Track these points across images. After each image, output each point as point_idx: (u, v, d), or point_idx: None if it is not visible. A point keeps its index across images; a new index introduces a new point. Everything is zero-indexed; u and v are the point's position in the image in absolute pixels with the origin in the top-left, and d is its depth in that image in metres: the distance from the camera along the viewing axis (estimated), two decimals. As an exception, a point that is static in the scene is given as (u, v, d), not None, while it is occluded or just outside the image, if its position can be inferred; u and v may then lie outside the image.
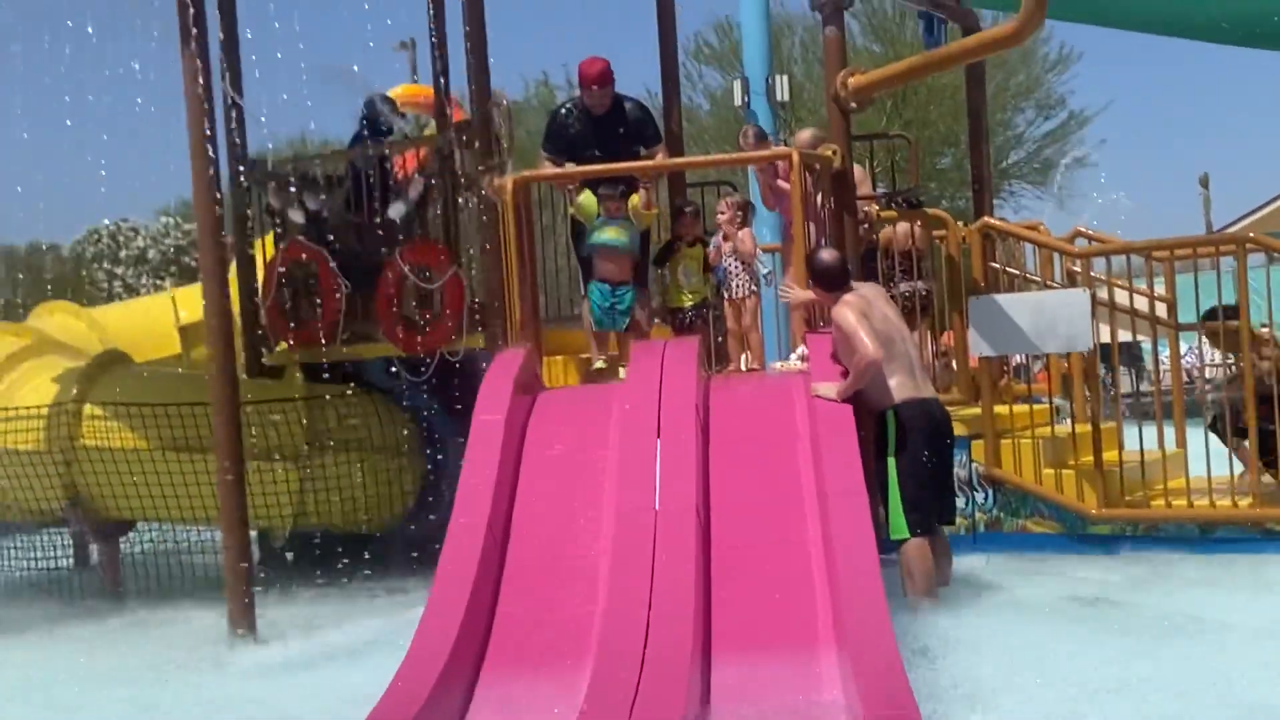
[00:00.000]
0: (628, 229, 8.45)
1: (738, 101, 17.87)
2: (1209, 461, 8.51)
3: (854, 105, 8.49)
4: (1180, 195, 59.35)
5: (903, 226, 9.75)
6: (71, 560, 10.35)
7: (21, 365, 10.08)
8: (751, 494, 6.78)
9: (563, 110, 9.12)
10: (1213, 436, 8.96)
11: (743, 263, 8.53)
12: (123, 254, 38.87)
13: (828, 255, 7.63)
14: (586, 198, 8.47)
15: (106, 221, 39.84)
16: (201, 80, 7.86)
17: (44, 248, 42.58)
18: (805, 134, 9.14)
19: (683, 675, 5.26)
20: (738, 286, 8.54)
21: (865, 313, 7.32)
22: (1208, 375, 13.14)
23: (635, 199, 8.44)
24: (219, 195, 8.32)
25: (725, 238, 8.56)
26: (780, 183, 9.04)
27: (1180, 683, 5.68)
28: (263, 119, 10.22)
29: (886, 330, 7.38)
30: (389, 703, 5.23)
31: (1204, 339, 10.07)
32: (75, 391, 9.37)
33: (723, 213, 8.60)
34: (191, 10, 7.86)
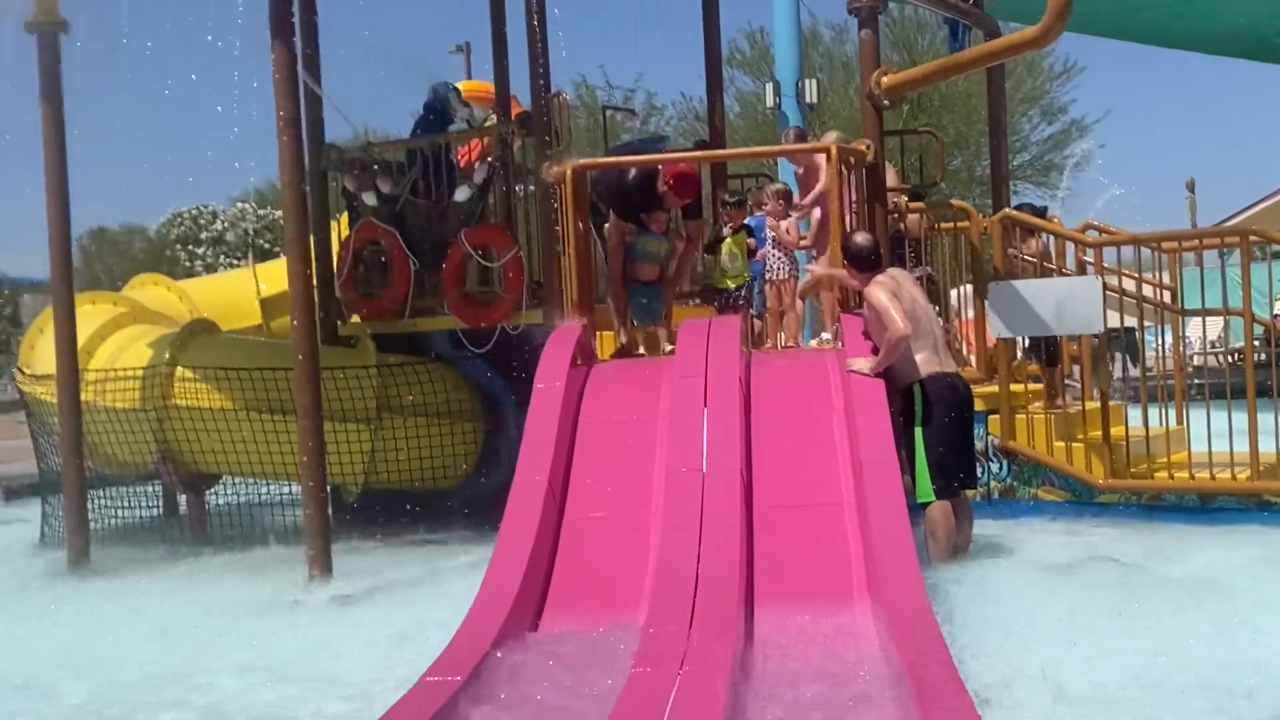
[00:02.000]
0: (663, 243, 8.28)
1: (770, 103, 17.78)
2: (1209, 437, 8.37)
3: (886, 103, 8.39)
4: (1168, 198, 58.92)
5: (913, 216, 9.66)
6: (162, 510, 10.33)
7: (119, 331, 10.08)
8: (790, 459, 6.70)
9: (634, 183, 8.76)
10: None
11: (784, 248, 8.45)
12: (203, 235, 39.03)
13: (862, 239, 7.54)
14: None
15: (188, 207, 40.05)
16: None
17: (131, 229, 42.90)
18: (831, 135, 9.03)
19: (730, 625, 5.19)
20: (779, 269, 8.45)
21: (895, 293, 7.25)
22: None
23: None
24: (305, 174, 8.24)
25: (770, 224, 8.47)
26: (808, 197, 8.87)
27: (1180, 635, 5.61)
28: (337, 108, 10.16)
29: (914, 309, 7.31)
30: (457, 646, 5.16)
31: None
32: (168, 355, 9.35)
33: (765, 203, 8.50)
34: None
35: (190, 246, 38.81)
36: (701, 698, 4.30)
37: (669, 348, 7.93)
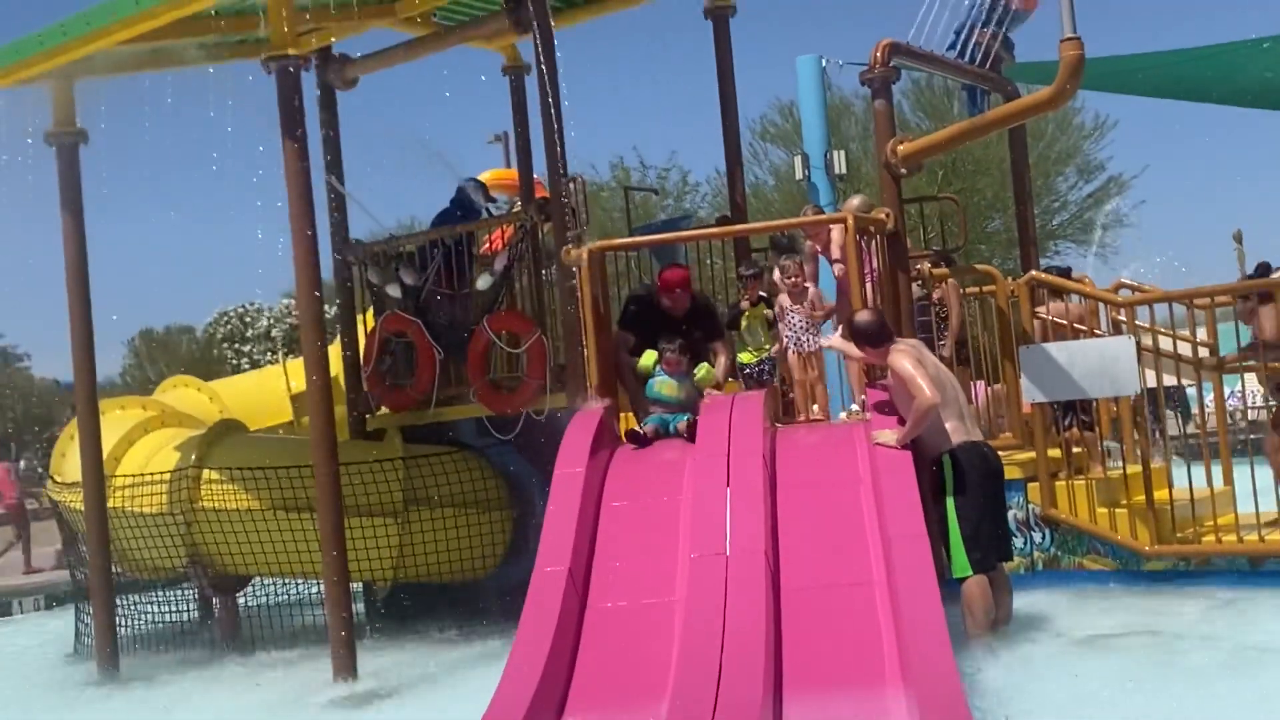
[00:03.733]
0: (683, 386, 7.74)
1: (799, 176, 17.67)
2: (1256, 498, 8.10)
3: (904, 171, 8.32)
4: (1215, 251, 58.23)
5: (947, 282, 9.53)
6: (196, 613, 10.26)
7: (147, 435, 10.08)
8: (818, 538, 6.52)
9: (638, 300, 8.71)
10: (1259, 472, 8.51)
11: (811, 319, 8.31)
12: (249, 333, 39.43)
13: (865, 315, 7.40)
14: (646, 357, 7.89)
15: (234, 305, 40.53)
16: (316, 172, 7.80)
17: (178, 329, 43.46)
18: (855, 200, 8.92)
19: (755, 716, 4.99)
20: (806, 341, 8.31)
21: (920, 360, 7.09)
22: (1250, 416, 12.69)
23: (704, 370, 7.84)
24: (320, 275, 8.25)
25: (793, 297, 8.34)
26: (836, 266, 8.74)
27: (1232, 710, 5.34)
28: (362, 205, 10.18)
29: (939, 376, 7.16)
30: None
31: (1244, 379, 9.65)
32: (194, 457, 9.32)
33: (793, 276, 8.36)
34: (294, 105, 7.81)
35: (236, 345, 39.20)
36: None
37: None
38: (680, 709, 5.20)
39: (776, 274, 8.62)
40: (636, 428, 7.57)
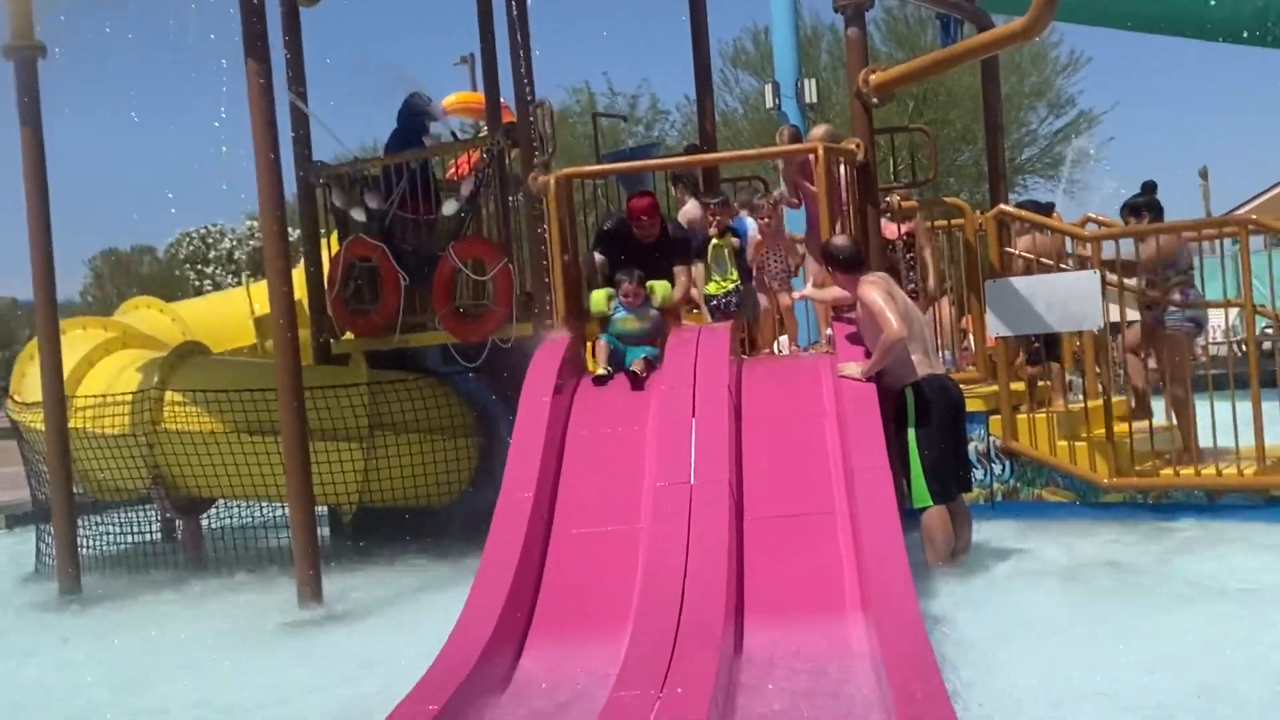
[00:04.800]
0: (646, 316, 7.71)
1: (769, 104, 17.70)
2: (1214, 432, 8.21)
3: (875, 101, 8.28)
4: (1182, 187, 58.53)
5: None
6: (159, 535, 10.25)
7: (109, 356, 10.01)
8: (781, 469, 6.60)
9: (610, 225, 8.63)
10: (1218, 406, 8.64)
11: (779, 251, 8.33)
12: (211, 255, 39.09)
13: (842, 241, 7.40)
14: (596, 300, 7.84)
15: (196, 226, 40.11)
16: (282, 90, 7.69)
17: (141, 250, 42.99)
18: (819, 129, 8.90)
19: (715, 641, 5.07)
20: (777, 277, 8.34)
21: (890, 293, 7.12)
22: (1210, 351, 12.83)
23: (661, 288, 7.81)
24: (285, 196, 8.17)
25: (764, 233, 8.34)
26: (809, 185, 8.77)
27: (1185, 642, 5.48)
28: (324, 125, 10.06)
29: (907, 311, 7.19)
30: (442, 665, 5.08)
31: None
32: (157, 379, 9.27)
33: (765, 217, 8.35)
34: (256, 22, 7.68)
35: (199, 266, 38.88)
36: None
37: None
38: (643, 634, 5.26)
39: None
40: (600, 370, 7.44)
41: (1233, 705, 4.70)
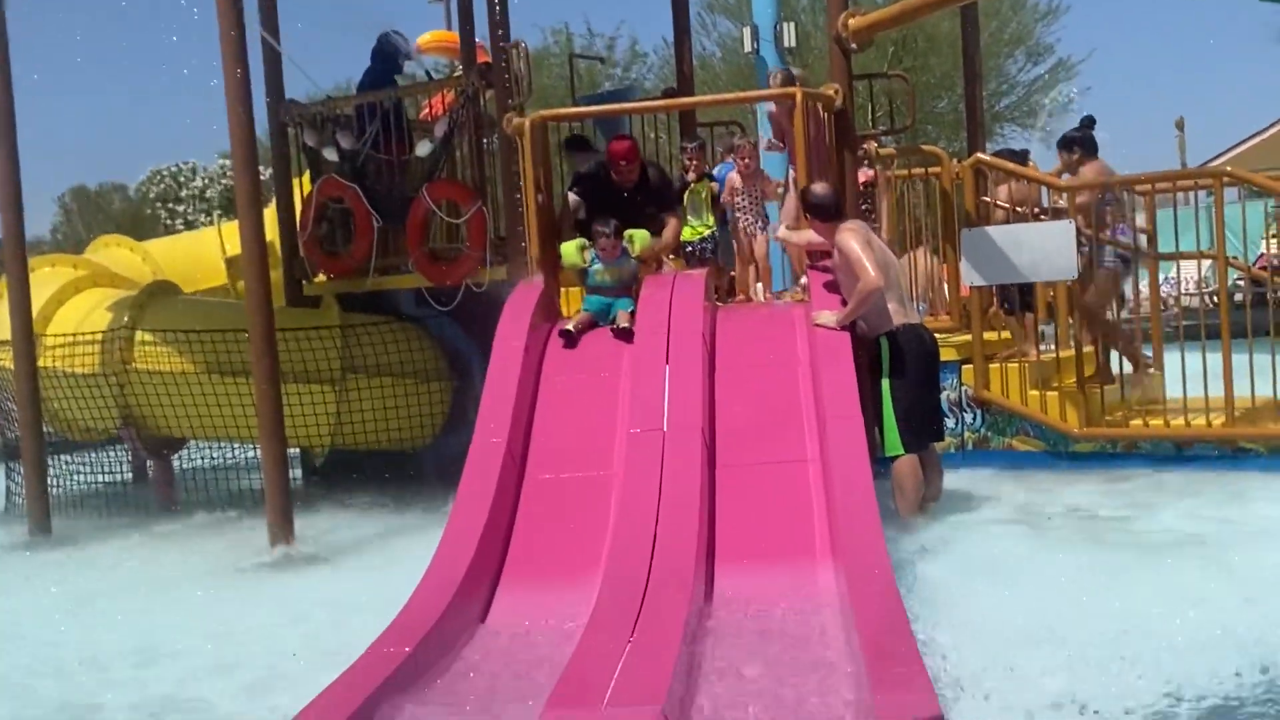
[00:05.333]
0: (625, 267, 7.62)
1: (748, 48, 17.48)
2: (1185, 382, 8.27)
3: (854, 46, 8.22)
4: (1158, 137, 58.56)
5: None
6: (131, 475, 10.23)
7: (78, 294, 9.93)
8: (754, 416, 6.62)
9: (589, 168, 8.50)
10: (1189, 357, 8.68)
11: (753, 198, 8.30)
12: (183, 193, 38.72)
13: (821, 188, 7.37)
14: (566, 249, 7.73)
15: (167, 164, 39.72)
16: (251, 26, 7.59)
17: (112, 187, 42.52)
18: (777, 75, 8.87)
19: (687, 586, 5.11)
20: (753, 222, 8.31)
21: (869, 241, 7.11)
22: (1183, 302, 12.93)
23: (640, 237, 7.69)
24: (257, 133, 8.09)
25: (744, 174, 8.29)
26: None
27: (1153, 588, 5.52)
28: (295, 63, 9.94)
29: (884, 259, 7.19)
30: (413, 608, 5.09)
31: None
32: (128, 318, 9.20)
33: (745, 158, 8.31)
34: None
35: (170, 205, 38.51)
36: (649, 670, 4.20)
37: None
38: (614, 578, 5.29)
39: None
40: (568, 326, 7.34)
41: (1194, 651, 4.76)
